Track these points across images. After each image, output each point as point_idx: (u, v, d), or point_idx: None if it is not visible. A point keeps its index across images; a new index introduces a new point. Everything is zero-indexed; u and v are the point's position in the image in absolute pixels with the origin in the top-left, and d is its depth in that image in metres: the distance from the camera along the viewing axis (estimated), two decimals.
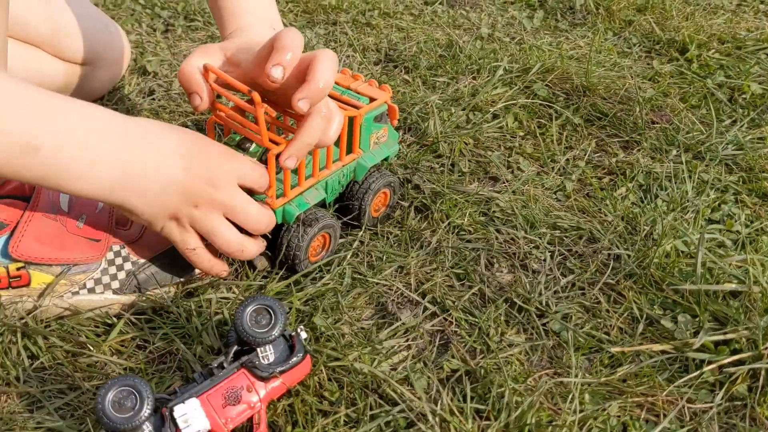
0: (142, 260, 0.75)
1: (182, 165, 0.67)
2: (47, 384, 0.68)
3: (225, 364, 0.63)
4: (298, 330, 0.66)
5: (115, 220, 0.75)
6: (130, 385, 0.57)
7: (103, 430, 0.58)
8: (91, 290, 0.73)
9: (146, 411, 0.56)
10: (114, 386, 0.57)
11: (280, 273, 0.80)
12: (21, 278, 0.71)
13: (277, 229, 0.79)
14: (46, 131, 0.60)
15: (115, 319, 0.73)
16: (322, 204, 0.84)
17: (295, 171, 0.77)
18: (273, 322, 0.63)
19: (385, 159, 0.88)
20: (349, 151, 0.83)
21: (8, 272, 0.70)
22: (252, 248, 0.74)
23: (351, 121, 0.80)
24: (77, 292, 0.73)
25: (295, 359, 0.64)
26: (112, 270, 0.74)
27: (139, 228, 0.76)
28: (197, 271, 0.77)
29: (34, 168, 0.60)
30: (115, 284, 0.74)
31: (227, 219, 0.71)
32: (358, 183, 0.85)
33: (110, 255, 0.74)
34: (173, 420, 0.58)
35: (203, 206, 0.69)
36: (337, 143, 0.82)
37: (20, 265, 0.70)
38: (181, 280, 0.77)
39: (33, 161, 0.60)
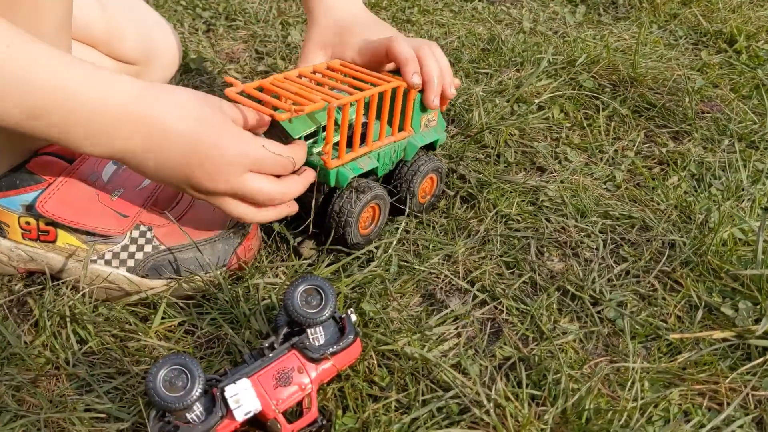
0: (164, 246, 0.75)
1: (193, 125, 0.65)
2: (96, 368, 0.68)
3: (275, 345, 0.61)
4: (348, 312, 0.64)
5: (155, 201, 0.75)
6: (182, 363, 0.56)
7: (154, 409, 0.57)
8: (108, 262, 0.73)
9: (197, 390, 0.56)
10: (165, 365, 0.56)
11: (326, 259, 0.79)
12: (49, 233, 0.72)
13: (327, 201, 0.78)
14: (54, 97, 0.59)
15: (156, 305, 0.73)
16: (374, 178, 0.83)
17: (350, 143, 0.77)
18: (324, 302, 0.62)
19: (435, 143, 0.86)
20: (401, 128, 0.82)
21: (38, 226, 0.72)
22: (295, 187, 0.73)
23: (405, 96, 0.79)
24: (95, 261, 0.73)
25: (346, 340, 0.62)
26: (132, 248, 0.73)
27: (176, 214, 0.76)
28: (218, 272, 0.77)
29: (40, 131, 0.59)
30: (131, 262, 0.73)
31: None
32: (407, 164, 0.84)
33: (135, 233, 0.74)
34: (224, 400, 0.57)
35: (220, 171, 0.67)
36: (390, 120, 0.81)
37: (48, 220, 0.72)
38: (197, 275, 0.76)
39: (39, 125, 0.59)
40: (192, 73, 1.21)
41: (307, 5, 0.87)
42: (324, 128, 0.75)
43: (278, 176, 0.71)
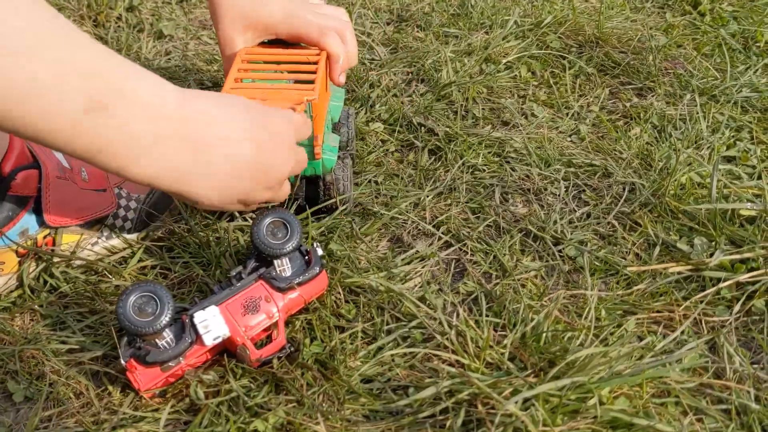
0: (142, 195, 0.76)
1: (251, 146, 0.62)
2: (69, 309, 0.69)
3: (243, 275, 0.63)
4: (315, 245, 0.67)
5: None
6: (151, 291, 0.58)
7: (125, 336, 0.59)
8: (108, 237, 0.74)
9: (167, 315, 0.58)
10: (135, 291, 0.58)
11: (294, 205, 0.80)
12: (47, 244, 0.72)
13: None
14: (112, 89, 0.52)
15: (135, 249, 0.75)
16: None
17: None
18: (289, 234, 0.64)
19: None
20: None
21: (36, 243, 0.71)
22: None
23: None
24: (96, 243, 0.74)
25: (312, 271, 0.65)
26: (122, 212, 0.75)
27: None
28: None
29: (94, 133, 0.52)
30: (128, 224, 0.75)
31: None
32: (341, 122, 0.85)
33: (116, 199, 0.75)
34: (193, 326, 0.59)
35: (273, 182, 0.66)
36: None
37: (47, 233, 0.71)
38: (169, 224, 0.78)
39: (96, 123, 0.51)
40: (165, 39, 1.22)
41: None
42: None
43: None
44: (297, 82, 0.74)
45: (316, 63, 0.75)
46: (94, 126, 0.51)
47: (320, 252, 0.66)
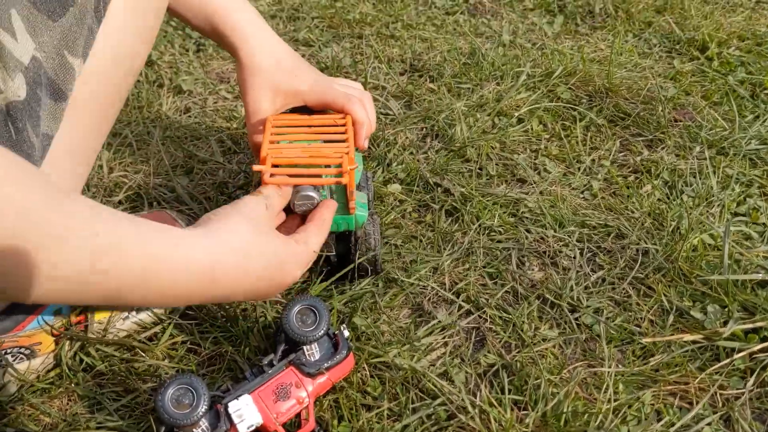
0: None
1: (266, 284, 0.67)
2: (105, 388, 0.72)
3: (274, 362, 0.66)
4: (342, 328, 0.69)
5: None
6: (188, 383, 0.61)
7: (163, 426, 0.61)
8: (138, 311, 0.77)
9: (203, 407, 0.60)
10: (173, 384, 0.61)
11: (319, 278, 0.83)
12: (81, 323, 0.74)
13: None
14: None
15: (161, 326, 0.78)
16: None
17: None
18: (318, 320, 0.67)
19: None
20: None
21: (70, 322, 0.73)
22: None
23: None
24: (127, 317, 0.77)
25: (340, 356, 0.67)
26: None
27: None
28: None
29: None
30: None
31: None
32: (360, 185, 0.87)
33: None
34: (228, 415, 0.62)
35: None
36: None
37: (79, 310, 0.74)
38: None
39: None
40: (185, 94, 1.25)
41: (238, 51, 0.84)
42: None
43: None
44: (327, 142, 0.78)
45: (344, 125, 0.80)
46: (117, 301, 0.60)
47: (346, 334, 0.69)
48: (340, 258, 0.82)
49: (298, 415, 0.66)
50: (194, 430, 0.61)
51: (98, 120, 0.72)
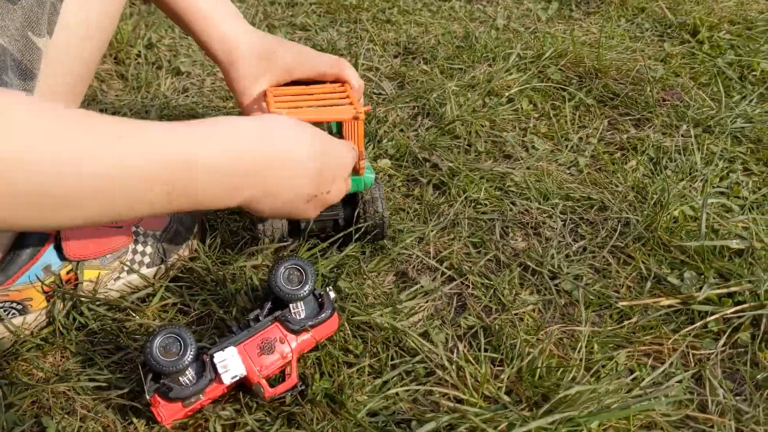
0: (159, 230, 0.82)
1: (315, 168, 0.68)
2: (97, 345, 0.75)
3: (260, 318, 0.69)
4: (328, 290, 0.71)
5: None
6: (176, 333, 0.63)
7: (150, 372, 0.64)
8: (129, 271, 0.80)
9: (190, 355, 0.63)
10: (161, 333, 0.63)
11: (306, 245, 0.85)
12: (71, 281, 0.77)
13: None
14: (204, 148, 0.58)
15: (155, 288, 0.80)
16: None
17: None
18: (304, 280, 0.69)
19: None
20: None
21: (61, 279, 0.76)
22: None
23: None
24: (118, 278, 0.80)
25: (324, 315, 0.70)
26: (140, 248, 0.80)
27: None
28: (196, 228, 0.87)
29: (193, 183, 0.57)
30: (147, 259, 0.81)
31: None
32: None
33: (135, 236, 0.81)
34: (213, 365, 0.64)
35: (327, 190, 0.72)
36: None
37: (69, 267, 0.77)
38: (195, 233, 0.86)
39: (193, 174, 0.57)
40: (183, 76, 1.28)
41: (215, 51, 0.84)
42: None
43: None
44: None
45: (344, 91, 0.81)
46: (167, 206, 0.57)
47: (332, 295, 0.71)
48: (348, 222, 0.85)
49: (283, 371, 0.69)
50: (180, 378, 0.64)
51: (67, 95, 0.73)
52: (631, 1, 1.50)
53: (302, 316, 0.70)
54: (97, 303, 0.78)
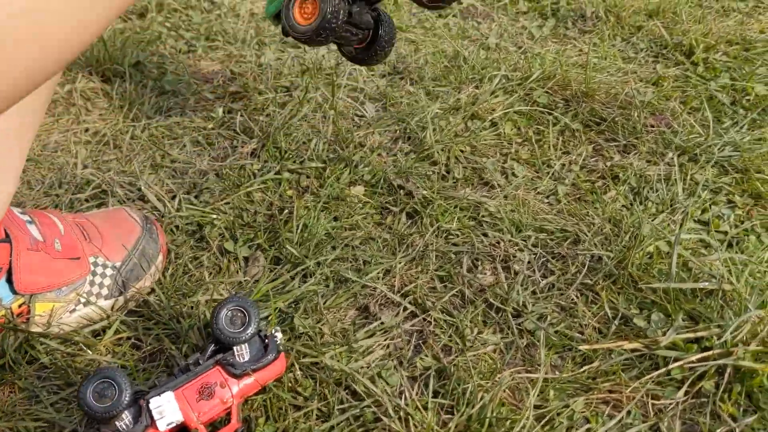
0: (118, 262, 0.81)
1: None
2: (46, 381, 0.74)
3: (201, 361, 0.67)
4: (274, 331, 0.70)
5: (82, 233, 0.82)
6: (110, 377, 0.62)
7: (86, 417, 0.63)
8: (86, 303, 0.79)
9: (124, 401, 0.62)
10: (95, 378, 0.62)
11: (269, 276, 0.84)
12: (23, 314, 0.76)
13: None
14: None
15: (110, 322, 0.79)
16: None
17: None
18: (247, 322, 0.68)
19: None
20: None
21: (12, 312, 0.75)
22: None
23: None
24: (74, 310, 0.79)
25: (268, 357, 0.68)
26: (98, 279, 0.80)
27: (104, 233, 0.83)
28: (159, 259, 0.85)
29: None
30: (104, 291, 0.80)
31: None
32: None
33: (93, 267, 0.80)
34: (149, 411, 0.63)
35: None
36: None
37: (22, 301, 0.76)
38: (157, 264, 0.84)
39: None
40: (168, 95, 1.27)
41: None
42: None
43: None
44: None
45: None
46: None
47: (279, 336, 0.70)
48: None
49: (229, 413, 0.68)
50: (117, 423, 0.63)
51: None
52: (627, 19, 1.47)
53: (246, 358, 0.68)
54: (50, 337, 0.77)
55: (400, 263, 0.88)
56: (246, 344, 0.68)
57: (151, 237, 0.86)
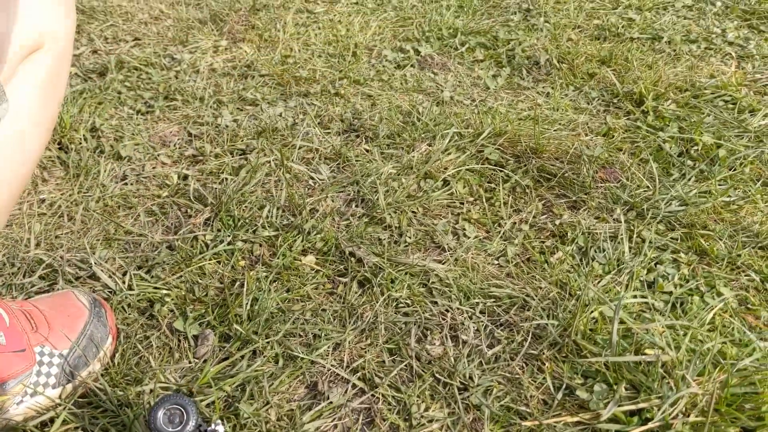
0: (66, 350, 0.81)
1: None
2: None
3: None
4: (215, 425, 0.70)
5: (28, 323, 0.82)
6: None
7: None
8: (33, 394, 0.79)
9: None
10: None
11: (218, 356, 0.84)
12: None
13: None
14: None
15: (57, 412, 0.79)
16: None
17: None
18: (185, 419, 0.68)
19: None
20: None
21: None
22: None
23: None
24: (21, 402, 0.79)
25: None
26: (45, 369, 0.80)
27: (51, 320, 0.83)
28: (109, 342, 0.85)
29: None
30: (52, 380, 0.80)
31: None
32: None
33: (39, 357, 0.80)
34: None
35: None
36: None
37: None
38: (106, 348, 0.84)
39: None
40: (124, 161, 1.28)
41: None
42: None
43: None
44: None
45: None
46: None
47: (221, 430, 0.70)
48: None
49: None
50: None
51: None
52: (580, 66, 1.50)
53: None
54: None
55: (350, 335, 0.89)
56: None
57: (100, 320, 0.86)
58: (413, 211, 1.10)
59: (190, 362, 0.86)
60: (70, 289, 0.92)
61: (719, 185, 1.12)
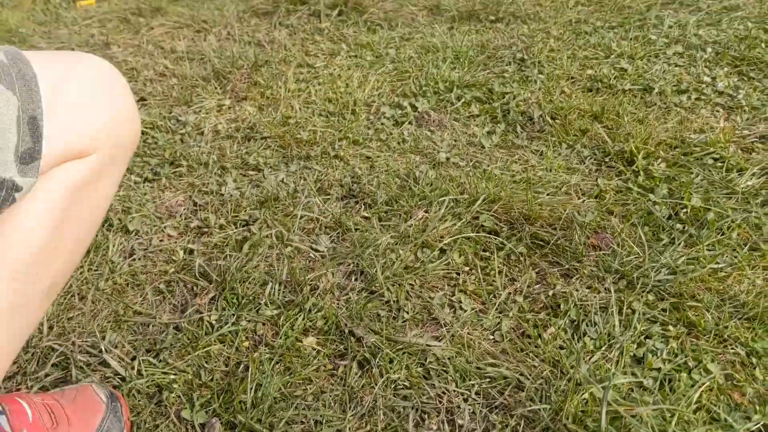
0: None
1: None
2: None
3: None
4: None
5: (52, 420, 0.86)
6: None
7: None
8: None
9: None
10: None
11: None
12: None
13: None
14: None
15: None
16: None
17: None
18: None
19: None
20: None
21: None
22: None
23: None
24: None
25: None
26: None
27: (71, 416, 0.87)
28: None
29: None
30: None
31: None
32: None
33: None
34: None
35: None
36: None
37: None
38: None
39: None
40: (131, 234, 1.32)
41: None
42: None
43: None
44: None
45: None
46: None
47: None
48: None
49: None
50: None
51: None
52: (573, 122, 1.53)
53: None
54: None
55: (350, 422, 0.93)
56: None
57: (115, 416, 0.90)
58: (411, 284, 1.14)
59: None
60: (88, 383, 0.97)
61: (708, 250, 1.16)
